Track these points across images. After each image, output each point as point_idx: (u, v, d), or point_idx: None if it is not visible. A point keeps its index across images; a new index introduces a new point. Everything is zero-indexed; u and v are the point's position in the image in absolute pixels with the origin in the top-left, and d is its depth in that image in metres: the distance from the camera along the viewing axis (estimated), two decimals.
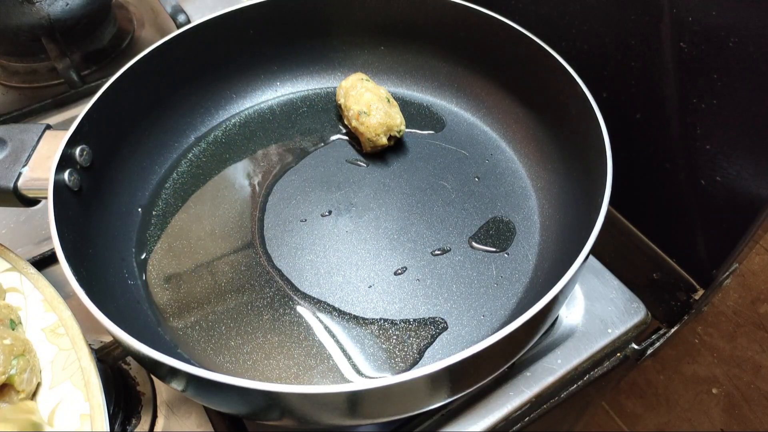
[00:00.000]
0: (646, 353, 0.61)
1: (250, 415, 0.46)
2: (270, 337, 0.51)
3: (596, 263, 0.62)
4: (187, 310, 0.53)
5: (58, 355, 0.46)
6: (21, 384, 0.42)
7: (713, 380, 0.75)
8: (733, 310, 0.66)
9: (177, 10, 0.79)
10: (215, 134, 0.68)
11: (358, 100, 0.62)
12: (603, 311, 0.59)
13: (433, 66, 0.70)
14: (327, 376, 0.49)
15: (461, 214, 0.59)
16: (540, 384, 0.54)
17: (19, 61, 0.84)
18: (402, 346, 0.50)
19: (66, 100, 0.79)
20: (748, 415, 0.74)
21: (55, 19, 0.75)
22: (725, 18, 0.45)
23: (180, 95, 0.66)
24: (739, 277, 0.63)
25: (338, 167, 0.64)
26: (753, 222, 0.50)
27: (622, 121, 0.57)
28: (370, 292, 0.54)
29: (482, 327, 0.51)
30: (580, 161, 0.55)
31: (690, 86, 0.50)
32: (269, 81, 0.72)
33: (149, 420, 0.53)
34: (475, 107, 0.68)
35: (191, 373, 0.37)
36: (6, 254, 0.52)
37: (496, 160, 0.64)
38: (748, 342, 0.68)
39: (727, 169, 0.50)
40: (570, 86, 0.55)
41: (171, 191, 0.63)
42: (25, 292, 0.49)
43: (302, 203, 0.61)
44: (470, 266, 0.55)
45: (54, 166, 0.49)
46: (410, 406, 0.43)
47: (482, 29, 0.63)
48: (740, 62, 0.45)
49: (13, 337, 0.44)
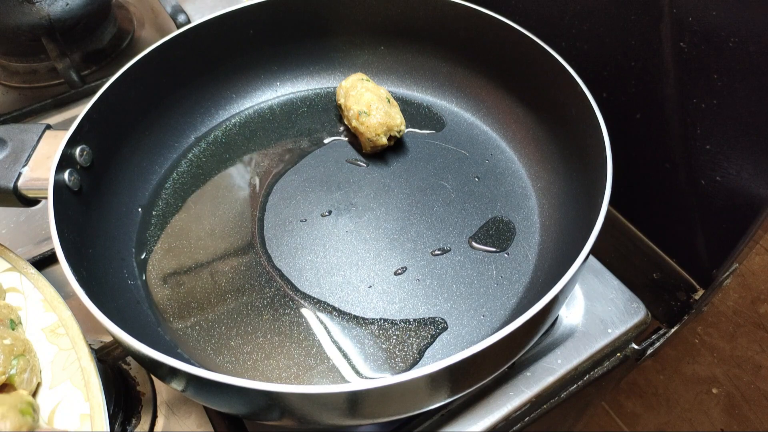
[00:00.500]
0: (646, 353, 0.61)
1: (250, 415, 0.46)
2: (270, 337, 0.51)
3: (596, 263, 0.62)
4: (187, 310, 0.53)
5: (58, 355, 0.46)
6: (21, 384, 0.42)
7: (713, 380, 0.75)
8: (733, 310, 0.66)
9: (177, 10, 0.79)
10: (215, 134, 0.68)
11: (358, 100, 0.62)
12: (603, 311, 0.59)
13: (433, 66, 0.70)
14: (327, 376, 0.49)
15: (461, 214, 0.59)
16: (540, 384, 0.54)
17: (19, 61, 0.84)
18: (402, 346, 0.50)
19: (66, 100, 0.79)
20: (748, 415, 0.74)
21: (55, 19, 0.75)
22: (725, 18, 0.45)
23: (180, 95, 0.66)
24: (739, 277, 0.63)
25: (338, 167, 0.64)
26: (753, 222, 0.50)
27: (622, 121, 0.57)
28: (370, 292, 0.54)
29: (482, 327, 0.51)
30: (580, 161, 0.55)
31: (690, 86, 0.50)
32: (269, 81, 0.72)
33: (149, 420, 0.53)
34: (475, 107, 0.68)
35: (191, 373, 0.37)
36: (6, 254, 0.52)
37: (496, 160, 0.64)
38: (748, 342, 0.68)
39: (727, 169, 0.50)
40: (570, 86, 0.55)
41: (171, 191, 0.63)
42: (25, 292, 0.49)
43: (302, 203, 0.61)
44: (470, 266, 0.55)
45: (54, 166, 0.49)
46: (410, 406, 0.43)
47: (482, 29, 0.63)
48: (740, 62, 0.45)
49: (13, 337, 0.44)
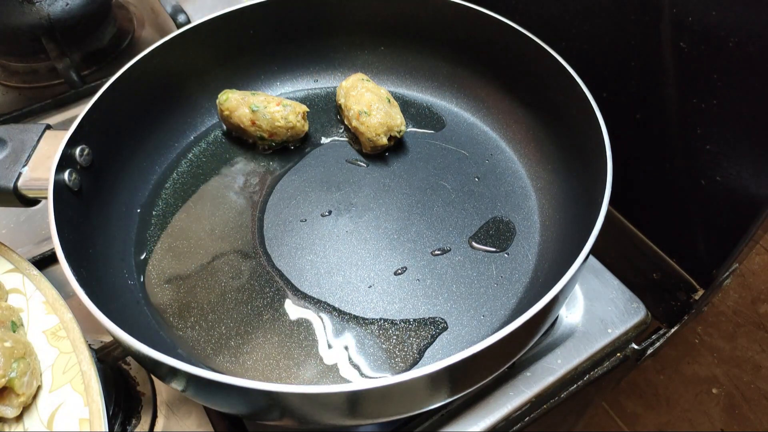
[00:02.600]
0: (646, 353, 0.61)
1: (250, 415, 0.46)
2: (270, 337, 0.51)
3: (596, 263, 0.62)
4: (187, 310, 0.53)
5: (59, 358, 0.45)
6: (21, 387, 0.42)
7: (713, 380, 0.75)
8: (733, 310, 0.66)
9: (177, 10, 0.79)
10: (215, 134, 0.68)
11: (358, 100, 0.62)
12: (603, 311, 0.59)
13: (433, 66, 0.70)
14: (327, 376, 0.49)
15: (461, 214, 0.59)
16: (540, 384, 0.54)
17: (19, 61, 0.84)
18: (402, 346, 0.50)
19: (66, 100, 0.79)
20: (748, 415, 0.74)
21: (55, 19, 0.75)
22: (725, 18, 0.45)
23: (180, 95, 0.66)
24: (739, 277, 0.63)
25: (338, 167, 0.64)
26: (753, 222, 0.50)
27: (622, 121, 0.57)
28: (370, 292, 0.54)
29: (482, 327, 0.51)
30: (580, 161, 0.55)
31: (690, 86, 0.50)
32: (269, 81, 0.72)
33: (149, 420, 0.53)
34: (475, 107, 0.68)
35: (191, 373, 0.37)
36: (9, 255, 0.52)
37: (496, 160, 0.64)
38: (748, 342, 0.68)
39: (727, 169, 0.50)
40: (570, 86, 0.55)
41: (171, 191, 0.63)
42: (27, 294, 0.49)
43: (302, 203, 0.61)
44: (470, 266, 0.55)
45: (54, 166, 0.49)
46: (410, 406, 0.43)
47: (482, 29, 0.63)
48: (740, 62, 0.45)
49: (14, 340, 0.44)
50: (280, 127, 0.62)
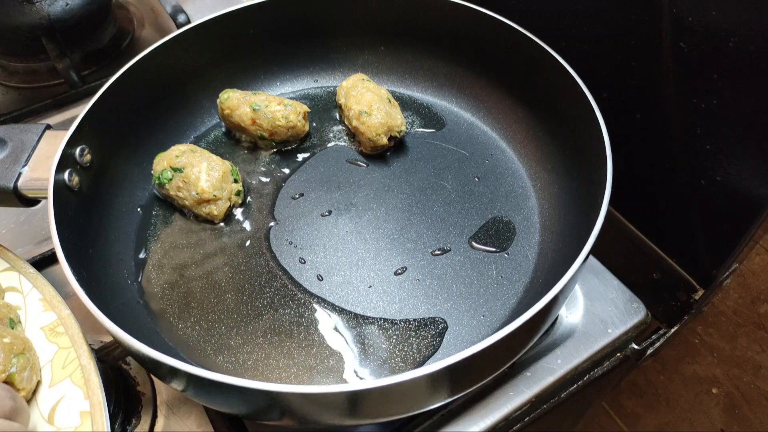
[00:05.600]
0: (646, 353, 0.61)
1: (250, 415, 0.46)
2: (270, 337, 0.51)
3: (596, 263, 0.62)
4: (187, 310, 0.53)
5: (58, 353, 0.46)
6: (21, 382, 0.42)
7: (713, 380, 0.75)
8: (733, 310, 0.66)
9: (177, 10, 0.79)
10: (215, 134, 0.68)
11: (359, 100, 0.62)
12: (603, 311, 0.59)
13: (433, 66, 0.70)
14: (327, 376, 0.49)
15: (461, 214, 0.59)
16: (540, 384, 0.54)
17: (19, 61, 0.84)
18: (402, 346, 0.50)
19: (66, 100, 0.79)
20: (748, 415, 0.74)
21: (55, 19, 0.75)
22: (725, 18, 0.45)
23: (180, 95, 0.66)
24: (739, 277, 0.63)
25: (338, 167, 0.64)
26: (753, 222, 0.50)
27: (622, 121, 0.57)
28: (370, 292, 0.54)
29: (482, 327, 0.51)
30: (580, 161, 0.55)
31: (690, 86, 0.50)
32: (269, 81, 0.72)
33: (149, 420, 0.53)
34: (475, 107, 0.68)
35: (191, 373, 0.37)
36: (4, 254, 0.52)
37: (496, 160, 0.64)
38: (748, 342, 0.68)
39: (727, 169, 0.50)
40: (570, 86, 0.55)
41: None
42: (24, 291, 0.49)
43: (302, 203, 0.61)
44: (470, 266, 0.55)
45: (54, 166, 0.49)
46: (410, 406, 0.43)
47: (482, 29, 0.63)
48: (740, 62, 0.45)
49: (13, 336, 0.44)
50: (280, 127, 0.62)
